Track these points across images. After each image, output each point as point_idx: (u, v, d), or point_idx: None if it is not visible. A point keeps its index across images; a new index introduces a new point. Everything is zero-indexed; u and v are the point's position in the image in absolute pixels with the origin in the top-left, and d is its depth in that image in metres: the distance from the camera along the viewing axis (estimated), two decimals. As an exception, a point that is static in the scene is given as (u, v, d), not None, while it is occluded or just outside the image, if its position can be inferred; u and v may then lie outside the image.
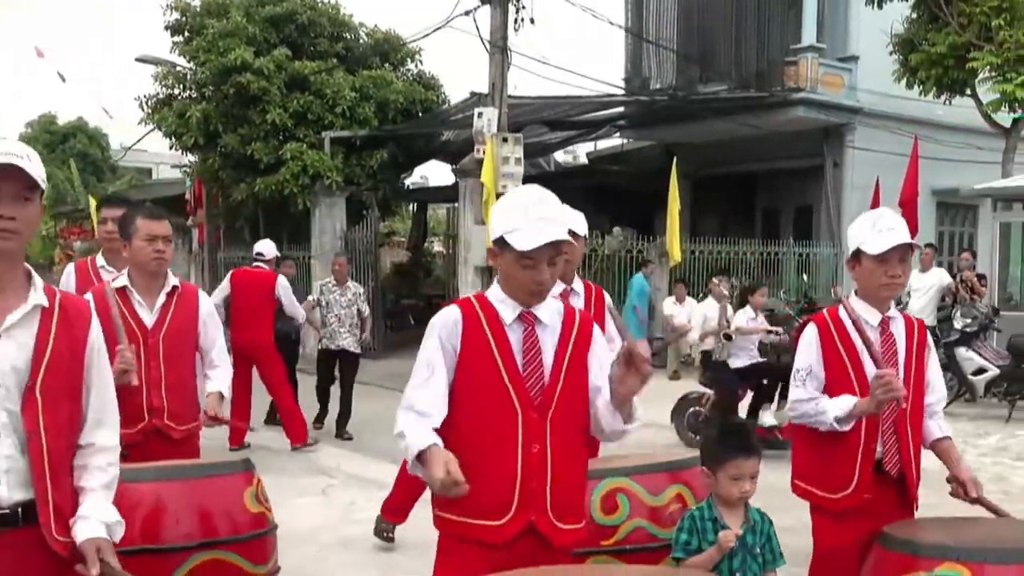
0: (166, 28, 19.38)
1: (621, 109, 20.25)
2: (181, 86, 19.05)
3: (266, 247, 10.13)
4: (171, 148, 20.17)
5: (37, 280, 2.55)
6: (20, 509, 2.45)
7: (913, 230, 17.11)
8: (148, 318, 4.23)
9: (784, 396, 8.96)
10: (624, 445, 3.32)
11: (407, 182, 21.70)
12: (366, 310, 10.41)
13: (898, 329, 3.54)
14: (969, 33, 14.07)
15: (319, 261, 17.44)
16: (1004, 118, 15.02)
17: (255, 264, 9.97)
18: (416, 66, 20.32)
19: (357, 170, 18.16)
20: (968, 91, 15.07)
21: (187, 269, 20.44)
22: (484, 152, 13.91)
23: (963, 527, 3.28)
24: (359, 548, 6.12)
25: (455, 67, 21.20)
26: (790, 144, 19.46)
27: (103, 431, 2.63)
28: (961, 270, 12.29)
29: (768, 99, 18.70)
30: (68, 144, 38.98)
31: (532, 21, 14.38)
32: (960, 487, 3.52)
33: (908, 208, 12.68)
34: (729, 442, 3.32)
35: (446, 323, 2.86)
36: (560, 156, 26.70)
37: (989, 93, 14.55)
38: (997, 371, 10.80)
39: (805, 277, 18.46)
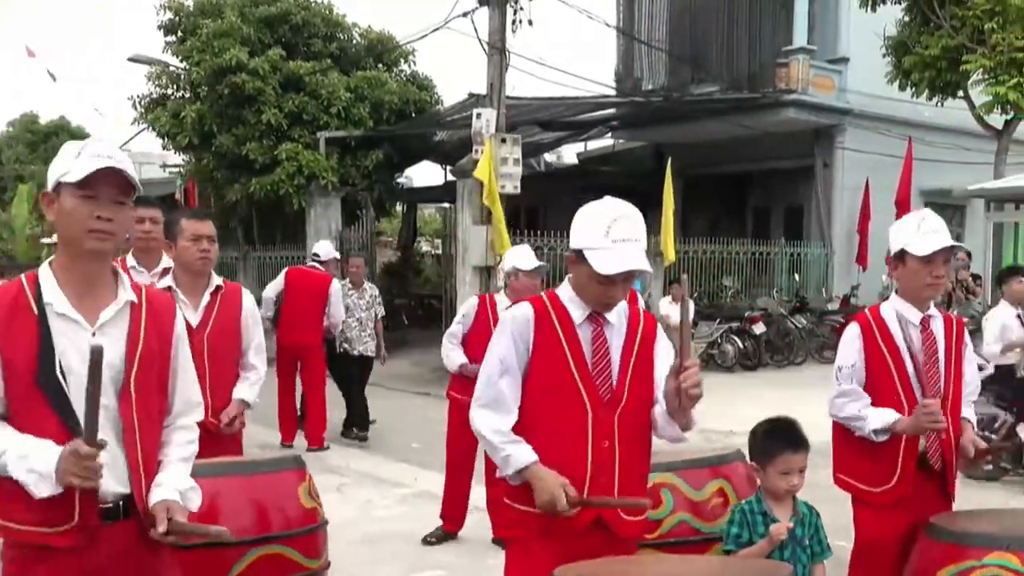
0: (159, 28, 19.35)
1: (613, 110, 20.37)
2: (175, 86, 19.02)
3: (323, 248, 10.01)
4: (164, 148, 20.14)
5: (123, 277, 2.62)
6: (121, 502, 2.52)
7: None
8: (193, 318, 4.29)
9: None
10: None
11: (398, 182, 21.73)
12: (382, 312, 10.27)
13: (938, 327, 3.65)
14: (962, 36, 14.26)
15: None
16: (996, 120, 15.21)
17: (310, 264, 9.94)
18: (409, 67, 20.36)
19: (352, 170, 18.19)
20: (960, 93, 15.25)
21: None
22: (482, 152, 13.98)
23: (1007, 517, 3.39)
24: (385, 544, 6.20)
25: (448, 68, 21.26)
26: (781, 145, 19.64)
27: (186, 416, 2.71)
28: (957, 270, 12.46)
29: (760, 100, 18.86)
30: (50, 143, 38.74)
31: (531, 23, 14.45)
32: (971, 446, 3.62)
33: (903, 208, 12.83)
34: (778, 437, 3.41)
35: (519, 320, 2.94)
36: (547, 156, 26.79)
37: (981, 95, 14.73)
38: (991, 369, 10.92)
39: (796, 277, 18.64)
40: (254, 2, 18.76)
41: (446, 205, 29.34)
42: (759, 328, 15.43)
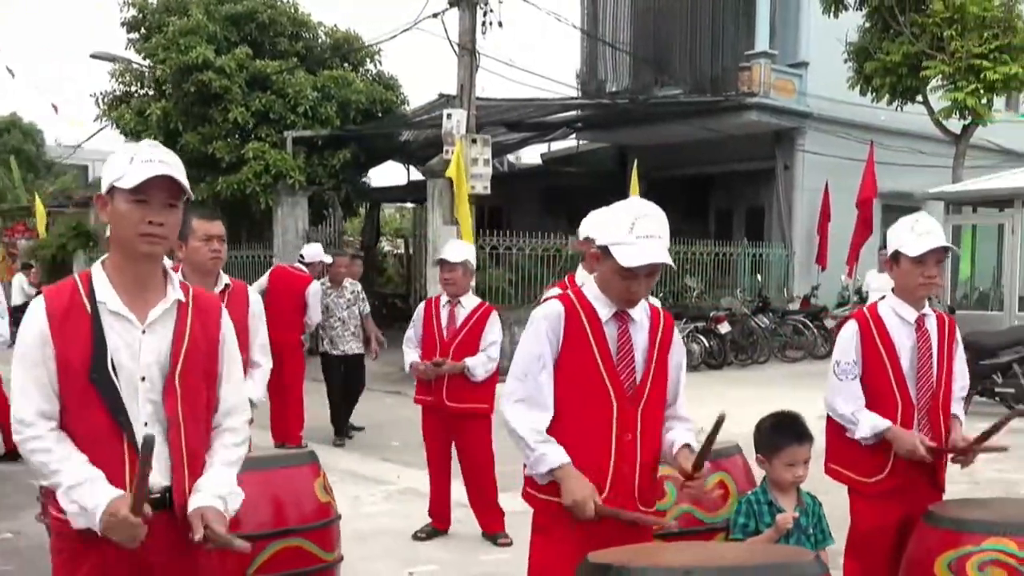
0: (122, 25, 19.21)
1: (578, 112, 20.56)
2: (139, 83, 18.87)
3: (309, 250, 10.07)
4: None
5: (173, 276, 2.70)
6: (167, 494, 2.59)
7: (869, 230, 17.75)
8: None
9: None
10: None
11: (363, 181, 21.72)
12: (367, 309, 10.13)
13: (932, 325, 3.82)
14: (922, 43, 14.61)
15: (281, 260, 17.40)
16: (954, 125, 15.60)
17: (296, 265, 9.99)
18: (375, 66, 20.38)
19: (319, 170, 18.18)
20: (920, 98, 15.61)
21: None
22: (452, 153, 14.07)
23: (1000, 505, 3.56)
24: (377, 540, 6.27)
25: (415, 68, 21.29)
26: (742, 147, 19.96)
27: (233, 417, 2.78)
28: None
29: (723, 103, 19.15)
30: (2, 140, 38.13)
31: (500, 24, 14.57)
32: (959, 447, 3.80)
33: (865, 209, 13.15)
34: (784, 431, 3.56)
35: (550, 316, 3.06)
36: (508, 156, 26.90)
37: (941, 101, 15.10)
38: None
39: (759, 277, 18.94)
40: (219, 0, 18.68)
41: (409, 205, 29.38)
42: (724, 328, 15.67)
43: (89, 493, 2.45)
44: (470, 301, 6.28)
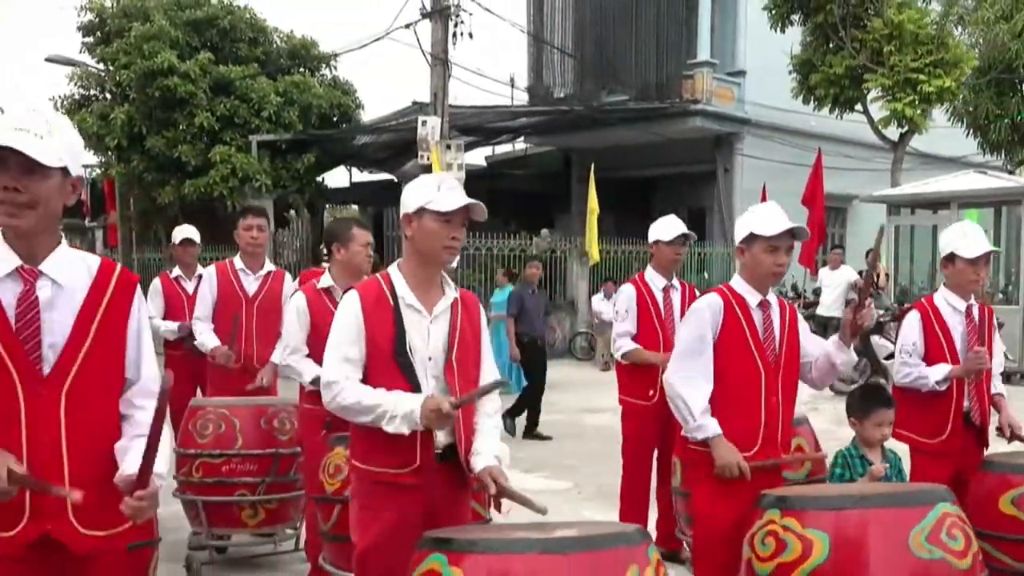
0: (79, 29, 19.29)
1: (525, 120, 21.37)
2: (99, 88, 19.00)
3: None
4: (86, 148, 20.02)
5: (446, 277, 3.37)
6: (450, 449, 3.26)
7: (821, 229, 18.92)
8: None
9: None
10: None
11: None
12: None
13: (976, 313, 4.68)
14: (862, 56, 15.80)
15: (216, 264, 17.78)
16: (892, 133, 16.85)
17: (320, 266, 10.39)
18: (331, 72, 20.85)
19: (283, 173, 18.58)
20: (860, 108, 16.83)
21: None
22: (429, 158, 14.73)
23: (1044, 453, 4.44)
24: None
25: (371, 73, 21.77)
26: (684, 151, 21.02)
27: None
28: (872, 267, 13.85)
29: (668, 110, 20.19)
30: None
31: (471, 36, 15.26)
32: (1008, 429, 4.67)
33: (812, 209, 14.26)
34: (874, 397, 4.38)
35: (712, 306, 3.81)
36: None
37: (881, 111, 16.32)
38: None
39: (705, 275, 20.01)
40: (179, 6, 18.93)
41: (353, 207, 29.76)
42: (678, 322, 16.56)
43: (406, 402, 3.09)
44: None
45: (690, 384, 3.79)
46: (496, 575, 2.51)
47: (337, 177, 29.11)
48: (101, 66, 19.11)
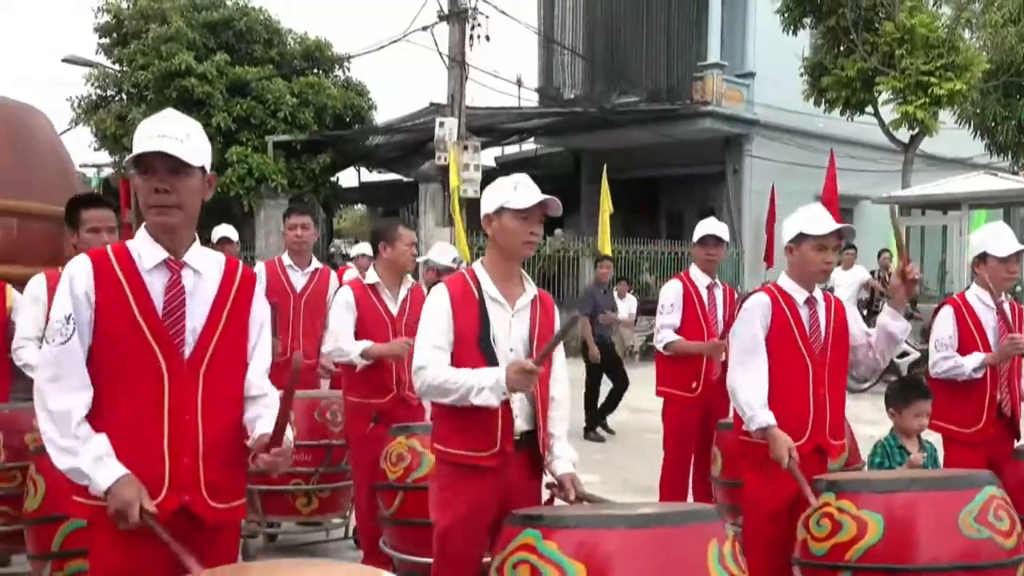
0: (95, 30, 19.51)
1: (537, 121, 21.60)
2: (116, 88, 19.21)
3: (357, 249, 10.55)
4: (99, 149, 20.25)
5: (524, 273, 3.56)
6: (529, 436, 3.45)
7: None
8: (394, 307, 5.21)
9: None
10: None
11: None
12: None
13: (1007, 308, 4.88)
14: (874, 59, 16.03)
15: (264, 261, 18.00)
16: (902, 135, 17.08)
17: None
18: (343, 72, 21.06)
19: (298, 173, 18.79)
20: (871, 110, 17.06)
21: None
22: (446, 159, 14.93)
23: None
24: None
25: (382, 75, 21.95)
26: (692, 152, 21.22)
27: (557, 387, 3.64)
28: (884, 267, 14.09)
29: (678, 111, 20.41)
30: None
31: (487, 38, 15.45)
32: None
33: (830, 211, 14.41)
34: (913, 389, 4.60)
35: (761, 305, 4.02)
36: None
37: (892, 113, 16.54)
38: (918, 354, 12.57)
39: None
40: (196, 7, 19.16)
41: (362, 206, 29.97)
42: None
43: (492, 373, 3.26)
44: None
45: (750, 380, 3.98)
46: (587, 548, 2.70)
47: (346, 177, 29.36)
48: (124, 68, 19.33)
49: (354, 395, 5.08)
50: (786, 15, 17.28)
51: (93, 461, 2.53)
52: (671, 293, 5.90)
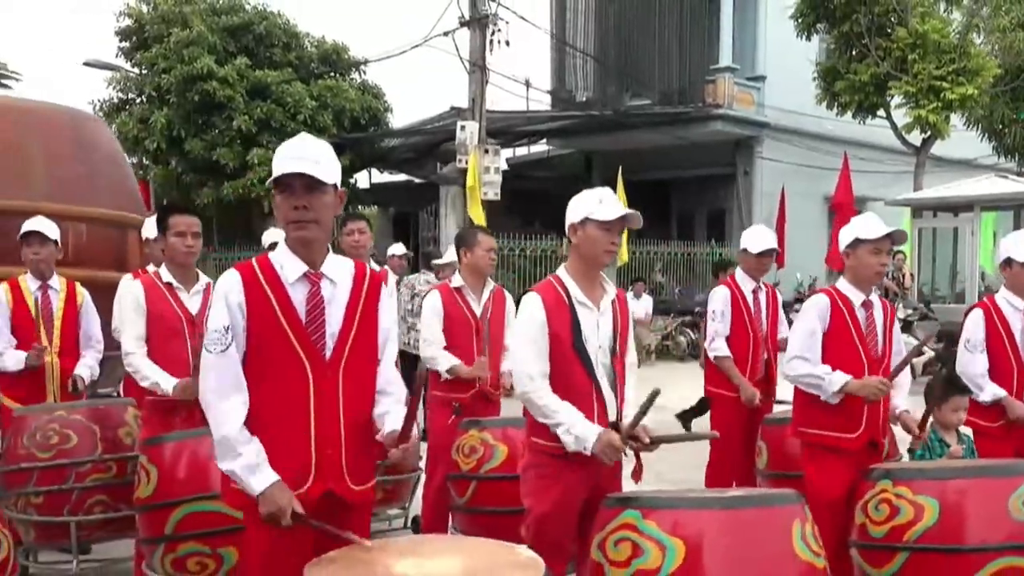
0: (117, 34, 19.81)
1: (549, 124, 21.92)
2: (138, 92, 19.51)
3: (397, 248, 10.43)
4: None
5: (605, 277, 3.86)
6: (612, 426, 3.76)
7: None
8: (477, 308, 5.56)
9: None
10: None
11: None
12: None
13: (1035, 312, 5.19)
14: (887, 64, 16.36)
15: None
16: (914, 138, 17.43)
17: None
18: (359, 76, 21.35)
19: (318, 175, 19.04)
20: (882, 114, 17.40)
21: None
22: (467, 162, 15.23)
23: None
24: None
25: (398, 78, 22.21)
26: (703, 154, 21.56)
27: (630, 374, 3.95)
28: (895, 268, 14.41)
29: (690, 114, 20.74)
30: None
31: (507, 43, 15.74)
32: None
33: (842, 212, 14.74)
34: (952, 385, 4.90)
35: (819, 305, 4.33)
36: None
37: (904, 117, 16.88)
38: (932, 354, 12.88)
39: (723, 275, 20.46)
40: (215, 11, 19.45)
41: (374, 207, 30.24)
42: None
43: (583, 428, 3.56)
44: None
45: (808, 362, 4.29)
46: (683, 527, 3.00)
47: (359, 179, 29.61)
48: (145, 71, 19.62)
49: (439, 390, 5.45)
50: (800, 20, 17.62)
51: (248, 468, 2.86)
52: (719, 300, 6.14)
